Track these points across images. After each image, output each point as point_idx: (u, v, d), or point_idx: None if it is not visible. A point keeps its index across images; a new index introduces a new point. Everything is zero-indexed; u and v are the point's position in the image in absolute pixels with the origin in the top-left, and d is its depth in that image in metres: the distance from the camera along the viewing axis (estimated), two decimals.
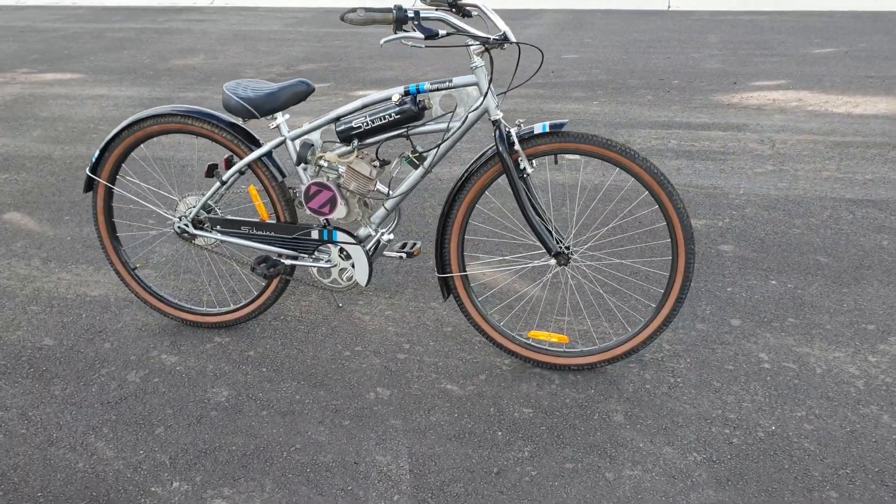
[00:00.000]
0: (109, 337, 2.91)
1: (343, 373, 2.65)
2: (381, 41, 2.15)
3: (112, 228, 2.93)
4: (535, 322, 2.90)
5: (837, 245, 3.39)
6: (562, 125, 2.32)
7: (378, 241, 2.67)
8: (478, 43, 2.24)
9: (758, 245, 3.42)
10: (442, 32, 2.12)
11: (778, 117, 5.20)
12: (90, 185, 2.83)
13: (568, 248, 2.47)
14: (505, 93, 2.47)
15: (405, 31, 2.13)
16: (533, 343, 2.62)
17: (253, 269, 2.65)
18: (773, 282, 3.11)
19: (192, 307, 2.96)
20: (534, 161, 2.43)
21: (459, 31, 2.20)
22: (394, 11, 2.08)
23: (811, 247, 3.38)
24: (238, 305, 2.90)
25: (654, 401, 2.45)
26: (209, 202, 2.78)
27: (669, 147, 4.68)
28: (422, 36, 2.09)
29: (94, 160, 2.78)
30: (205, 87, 6.61)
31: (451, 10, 2.39)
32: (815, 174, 4.19)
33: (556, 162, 2.47)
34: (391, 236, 2.70)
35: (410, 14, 2.10)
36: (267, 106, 2.53)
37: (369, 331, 2.90)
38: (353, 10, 2.10)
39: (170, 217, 2.83)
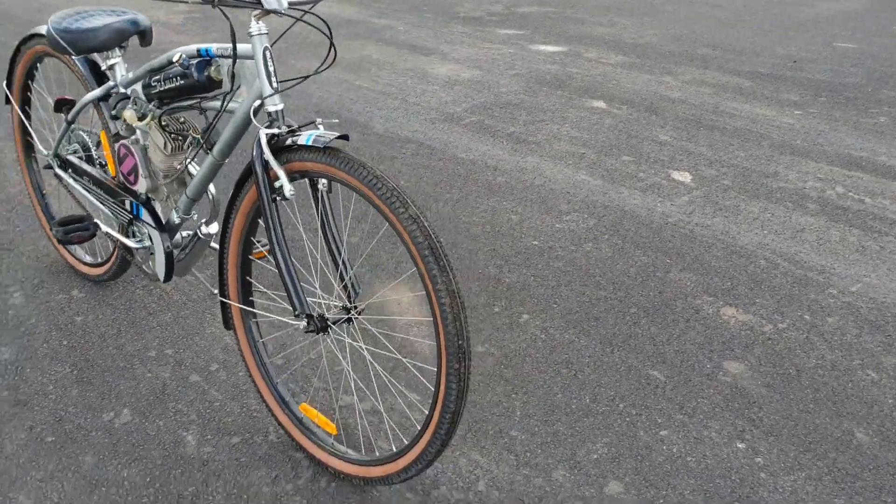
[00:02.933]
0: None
1: (116, 378, 2.24)
2: None
3: (28, 147, 2.77)
4: (310, 393, 2.19)
5: None
6: (329, 139, 1.60)
7: (196, 234, 2.17)
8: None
9: (788, 380, 2.24)
10: None
11: None
12: (8, 98, 2.69)
13: (350, 309, 1.77)
14: (304, 79, 1.77)
15: None
16: (303, 419, 1.97)
17: (50, 227, 2.31)
18: (741, 444, 2.01)
19: (72, 250, 2.72)
20: (320, 181, 1.74)
21: None
22: None
23: (865, 407, 2.13)
24: (94, 262, 2.60)
25: None
26: (84, 139, 2.49)
27: (825, 196, 3.33)
28: None
29: (7, 74, 2.62)
30: (400, 13, 6.26)
31: None
32: None
33: (329, 189, 1.73)
34: (212, 229, 2.17)
35: None
36: (83, 43, 2.14)
37: (203, 335, 2.43)
38: None
39: (43, 149, 2.58)
